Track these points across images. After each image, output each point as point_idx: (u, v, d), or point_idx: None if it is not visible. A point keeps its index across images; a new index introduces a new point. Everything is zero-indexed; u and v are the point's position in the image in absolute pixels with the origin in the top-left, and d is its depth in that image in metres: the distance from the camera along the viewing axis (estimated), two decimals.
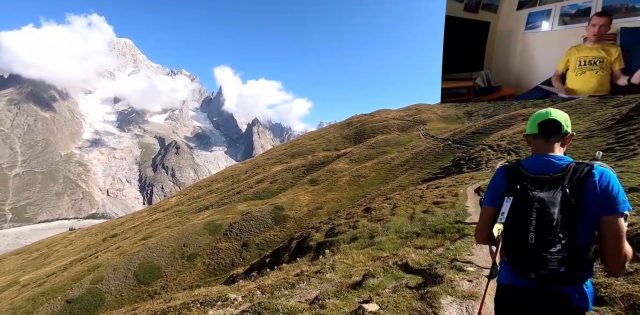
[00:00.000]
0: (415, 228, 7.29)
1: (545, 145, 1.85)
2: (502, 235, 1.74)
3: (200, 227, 37.86)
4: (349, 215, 13.51)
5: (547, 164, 1.78)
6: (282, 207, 37.24)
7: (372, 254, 5.93)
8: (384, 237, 7.01)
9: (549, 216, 1.57)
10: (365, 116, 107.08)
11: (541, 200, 1.62)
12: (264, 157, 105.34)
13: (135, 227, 71.41)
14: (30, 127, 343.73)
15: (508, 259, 1.76)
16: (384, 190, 31.28)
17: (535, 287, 1.66)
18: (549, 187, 1.66)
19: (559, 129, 1.83)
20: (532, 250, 1.60)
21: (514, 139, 30.66)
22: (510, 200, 1.72)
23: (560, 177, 1.67)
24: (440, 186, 15.15)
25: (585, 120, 31.26)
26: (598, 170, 1.64)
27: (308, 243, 10.40)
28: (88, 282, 33.13)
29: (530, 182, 1.73)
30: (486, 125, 46.49)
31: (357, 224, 9.41)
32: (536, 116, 1.91)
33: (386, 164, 45.92)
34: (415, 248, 5.83)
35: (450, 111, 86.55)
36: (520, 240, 1.64)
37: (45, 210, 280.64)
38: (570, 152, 20.92)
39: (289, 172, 62.19)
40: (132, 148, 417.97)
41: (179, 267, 32.14)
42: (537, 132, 1.88)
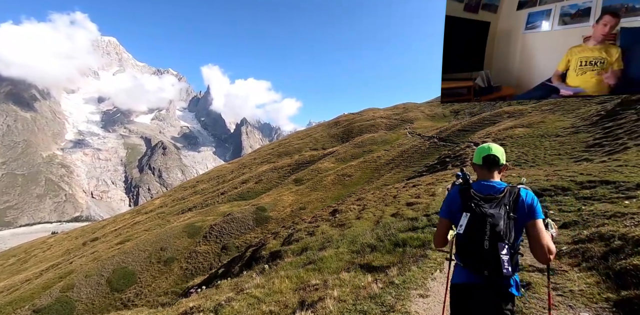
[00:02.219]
0: (373, 239, 6.33)
1: (488, 174, 2.35)
2: (460, 243, 2.21)
3: (179, 229, 36.34)
4: (314, 218, 12.52)
5: (490, 188, 2.27)
6: (264, 208, 36.00)
7: (302, 279, 4.91)
8: (332, 251, 6.01)
9: (499, 227, 2.05)
10: (353, 115, 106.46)
11: (492, 215, 2.09)
12: (251, 156, 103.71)
13: (116, 230, 69.00)
14: (9, 128, 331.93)
15: (464, 262, 2.21)
16: (369, 190, 30.42)
17: (484, 282, 2.11)
18: (495, 205, 2.14)
19: (497, 162, 2.31)
20: (487, 253, 2.04)
21: (499, 136, 30.21)
22: (468, 215, 2.17)
23: (502, 198, 2.17)
24: (418, 184, 14.28)
25: (570, 117, 31.04)
26: (523, 191, 2.21)
27: (260, 253, 9.38)
28: (58, 290, 31.27)
29: (480, 200, 2.20)
30: (472, 123, 46.20)
31: (316, 230, 8.43)
32: (480, 151, 2.37)
33: (372, 163, 45.12)
34: (361, 270, 4.83)
35: (437, 110, 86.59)
36: (478, 246, 2.08)
37: (26, 214, 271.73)
38: (556, 148, 20.59)
39: (275, 172, 60.92)
40: (117, 149, 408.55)
41: (154, 272, 30.60)
42: (481, 164, 2.35)
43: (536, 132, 28.12)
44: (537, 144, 23.31)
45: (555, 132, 25.57)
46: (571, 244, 5.11)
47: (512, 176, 11.95)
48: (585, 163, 14.34)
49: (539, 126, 30.23)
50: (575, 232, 5.69)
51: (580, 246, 4.84)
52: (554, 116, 33.49)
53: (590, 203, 7.33)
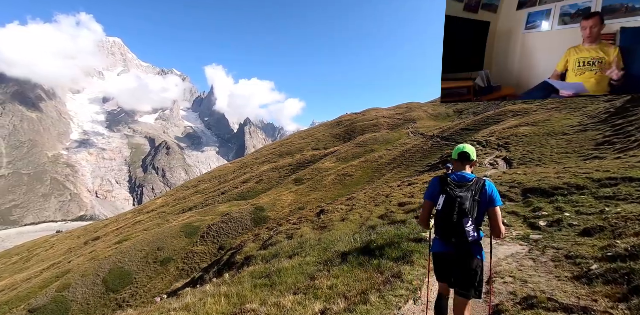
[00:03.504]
0: (348, 246, 5.59)
1: (461, 167, 2.96)
2: (437, 219, 2.83)
3: (177, 229, 35.85)
4: (300, 219, 11.86)
5: (463, 177, 2.86)
6: (263, 208, 35.41)
7: (243, 299, 4.15)
8: (297, 261, 5.30)
9: (465, 206, 2.68)
10: (355, 115, 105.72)
11: (461, 197, 2.71)
12: (253, 156, 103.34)
13: (118, 229, 68.86)
14: (15, 128, 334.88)
15: (438, 234, 2.87)
16: (368, 190, 29.70)
17: (454, 249, 2.78)
18: (465, 190, 2.76)
19: (469, 157, 2.93)
20: (455, 225, 2.67)
21: (503, 135, 29.36)
22: (444, 197, 2.78)
23: (470, 185, 2.78)
24: (415, 183, 13.54)
25: (577, 115, 30.11)
26: (487, 183, 2.81)
27: (236, 257, 8.75)
28: (54, 290, 30.90)
29: (454, 187, 2.80)
30: (475, 122, 45.30)
31: (296, 233, 7.80)
32: (457, 149, 2.98)
33: (373, 163, 44.38)
34: (313, 293, 3.97)
35: (441, 109, 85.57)
36: (449, 219, 2.71)
37: (31, 213, 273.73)
38: (564, 147, 19.79)
39: (275, 172, 60.36)
40: (121, 149, 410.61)
41: (151, 272, 30.11)
42: (457, 159, 2.96)
43: (542, 130, 27.25)
44: (543, 143, 22.49)
45: (562, 131, 24.70)
46: (603, 261, 3.82)
47: (518, 174, 11.20)
48: (597, 161, 13.53)
49: (545, 125, 29.34)
50: (603, 242, 4.64)
51: (620, 266, 3.46)
52: (561, 115, 32.56)
53: (614, 204, 6.49)
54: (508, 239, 6.02)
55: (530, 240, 5.91)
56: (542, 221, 6.62)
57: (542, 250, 5.20)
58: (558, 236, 5.76)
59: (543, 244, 5.47)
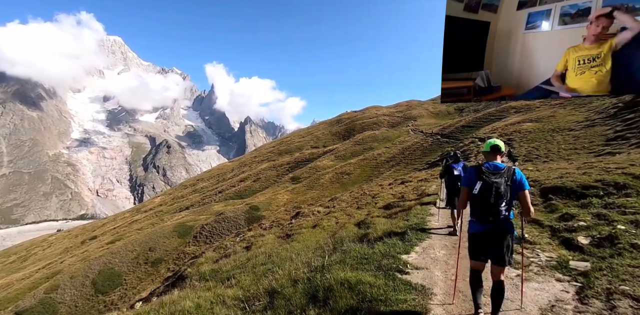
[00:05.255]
0: (293, 273, 4.09)
1: (493, 157, 3.34)
2: (474, 202, 3.23)
3: (169, 229, 34.94)
4: (274, 222, 10.86)
5: (496, 166, 3.22)
6: (257, 207, 34.45)
7: None
8: (207, 298, 3.70)
9: (500, 190, 3.06)
10: (355, 113, 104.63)
11: (496, 182, 3.09)
12: (252, 155, 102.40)
13: (115, 228, 68.06)
14: (16, 127, 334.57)
15: (475, 216, 3.23)
16: (354, 189, 28.70)
17: (490, 227, 3.15)
18: (499, 177, 3.12)
19: (500, 149, 3.31)
20: (492, 206, 3.08)
21: (506, 131, 28.28)
22: (480, 183, 3.16)
23: (502, 173, 3.15)
24: (408, 181, 12.38)
25: (582, 111, 29.00)
26: (517, 170, 3.20)
27: (186, 270, 7.76)
28: (42, 292, 30.04)
29: (489, 174, 3.16)
30: (476, 118, 44.18)
31: (256, 242, 6.79)
32: (489, 143, 3.36)
33: (372, 161, 43.34)
34: None
35: (442, 107, 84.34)
36: (486, 201, 3.09)
37: (32, 212, 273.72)
38: (571, 142, 18.80)
39: (273, 170, 59.39)
40: (122, 147, 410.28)
41: (141, 273, 29.22)
42: (489, 151, 3.35)
43: (546, 126, 26.15)
44: (549, 139, 21.42)
45: (568, 126, 23.61)
46: None
47: (529, 170, 10.10)
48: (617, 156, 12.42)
49: (549, 120, 28.24)
50: None
51: None
52: (565, 110, 31.44)
53: None
54: (536, 268, 4.16)
55: (573, 270, 3.93)
56: (581, 236, 4.77)
57: (602, 296, 3.29)
58: (619, 265, 3.77)
59: (600, 283, 3.50)
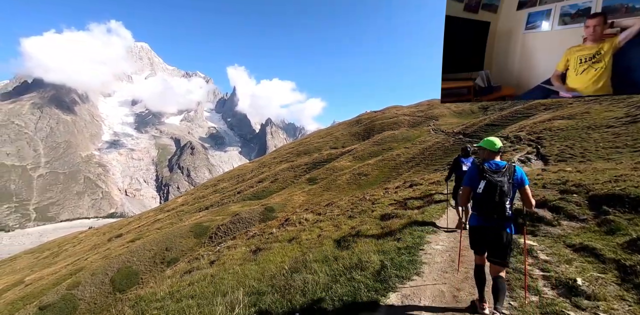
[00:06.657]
0: None
1: (495, 156, 3.51)
2: (477, 200, 3.41)
3: (186, 229, 35.14)
4: (261, 230, 10.05)
5: (497, 165, 3.42)
6: (272, 208, 33.99)
7: None
8: None
9: (504, 188, 3.25)
10: (375, 113, 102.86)
11: (500, 181, 3.28)
12: (272, 156, 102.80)
13: (139, 227, 70.05)
14: (52, 130, 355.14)
15: (479, 212, 3.41)
16: (353, 194, 27.50)
17: (494, 224, 3.33)
18: (501, 175, 3.31)
19: (500, 149, 3.51)
20: (497, 204, 3.25)
21: (534, 129, 26.31)
22: (484, 182, 3.35)
23: (504, 171, 3.35)
24: (418, 184, 11.10)
25: (621, 106, 26.57)
26: (517, 167, 3.40)
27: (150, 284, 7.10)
28: (65, 288, 30.91)
29: (491, 173, 3.35)
30: (502, 117, 41.82)
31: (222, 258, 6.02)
32: (487, 142, 3.55)
33: (391, 161, 41.94)
34: None
35: (465, 106, 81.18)
36: (491, 200, 3.27)
37: (67, 210, 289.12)
38: (611, 140, 16.93)
39: (291, 171, 59.01)
40: (149, 149, 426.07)
41: (157, 273, 29.35)
42: (490, 150, 3.51)
43: (580, 123, 24.05)
44: (584, 137, 19.53)
45: (606, 123, 21.52)
46: None
47: (567, 171, 8.83)
48: None
49: (584, 117, 26.02)
50: None
51: None
52: (601, 106, 28.97)
53: None
54: None
55: None
56: None
57: None
58: None
59: None
